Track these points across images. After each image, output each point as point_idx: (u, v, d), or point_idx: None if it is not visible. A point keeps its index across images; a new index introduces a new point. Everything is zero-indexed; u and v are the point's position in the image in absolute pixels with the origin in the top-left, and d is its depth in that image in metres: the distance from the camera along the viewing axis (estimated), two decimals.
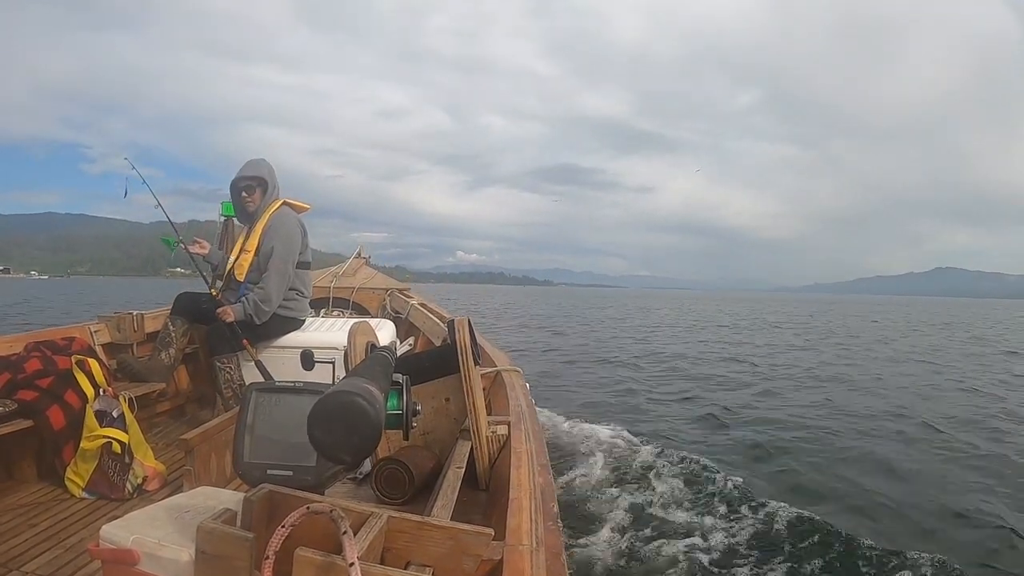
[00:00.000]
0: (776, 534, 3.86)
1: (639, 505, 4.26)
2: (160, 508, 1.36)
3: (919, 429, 7.25)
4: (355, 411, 0.93)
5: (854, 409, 8.35)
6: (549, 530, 1.31)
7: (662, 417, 7.61)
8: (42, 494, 2.63)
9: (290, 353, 3.52)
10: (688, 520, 4.06)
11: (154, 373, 3.53)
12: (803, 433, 6.86)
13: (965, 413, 8.32)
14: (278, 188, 3.78)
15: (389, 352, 1.70)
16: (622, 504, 4.26)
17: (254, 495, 1.10)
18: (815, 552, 3.64)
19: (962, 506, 4.60)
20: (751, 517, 4.08)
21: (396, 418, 1.32)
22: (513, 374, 3.03)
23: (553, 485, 1.68)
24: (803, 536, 3.81)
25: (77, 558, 2.06)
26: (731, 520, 4.05)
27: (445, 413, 2.32)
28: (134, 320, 3.86)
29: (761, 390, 9.80)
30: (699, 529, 3.92)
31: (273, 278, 3.59)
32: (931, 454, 6.19)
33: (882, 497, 4.76)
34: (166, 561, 1.20)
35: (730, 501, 4.34)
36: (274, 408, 1.45)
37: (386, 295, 6.14)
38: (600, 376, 10.99)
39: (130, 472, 2.67)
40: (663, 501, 4.32)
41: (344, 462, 1.01)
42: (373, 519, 1.09)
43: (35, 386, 2.73)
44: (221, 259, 3.84)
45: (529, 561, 1.13)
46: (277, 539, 0.96)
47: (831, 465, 5.64)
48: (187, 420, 3.74)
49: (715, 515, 4.12)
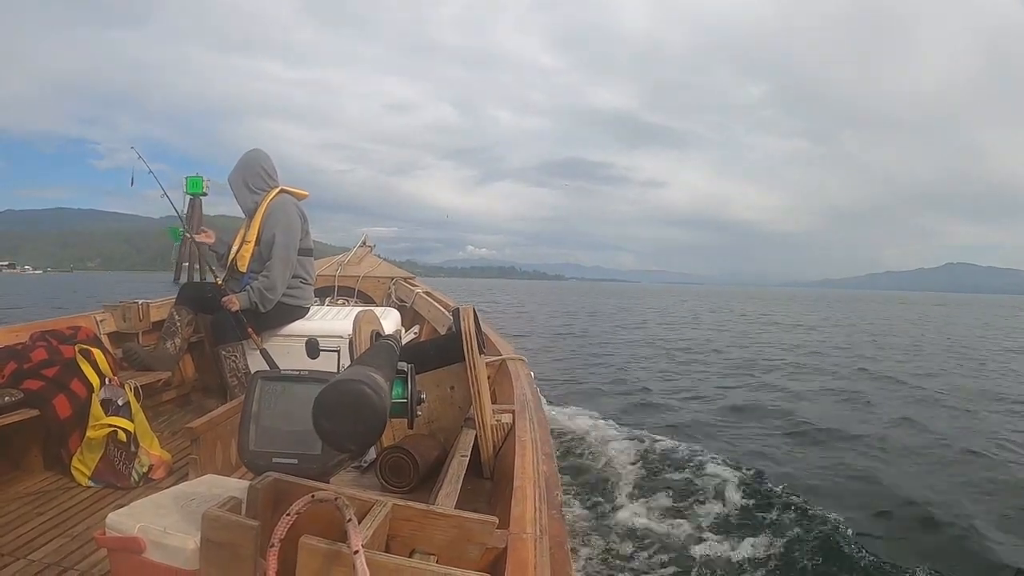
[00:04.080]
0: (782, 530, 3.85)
1: (644, 494, 4.27)
2: (166, 496, 1.36)
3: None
4: (360, 399, 0.93)
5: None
6: (553, 519, 1.31)
7: (680, 412, 7.46)
8: (48, 483, 2.64)
9: (295, 341, 3.52)
10: (693, 510, 4.06)
11: (159, 362, 3.54)
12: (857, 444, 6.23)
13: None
14: (272, 177, 3.77)
15: (394, 341, 1.69)
16: (627, 493, 4.27)
17: (259, 483, 1.10)
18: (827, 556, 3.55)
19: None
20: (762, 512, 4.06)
21: (401, 406, 1.31)
22: (518, 363, 3.02)
23: (557, 474, 1.68)
24: (810, 535, 3.75)
25: (83, 546, 2.06)
26: (739, 514, 4.05)
27: (450, 401, 2.32)
28: (139, 309, 3.86)
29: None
30: (704, 520, 3.93)
31: (277, 266, 3.59)
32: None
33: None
34: (172, 549, 1.20)
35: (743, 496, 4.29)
36: (279, 396, 1.45)
37: (391, 284, 6.14)
38: (623, 370, 10.87)
39: (136, 461, 2.68)
40: (669, 491, 4.33)
41: (349, 450, 1.01)
42: (378, 507, 1.09)
43: (41, 375, 2.73)
44: (227, 249, 3.85)
45: (533, 549, 1.12)
46: (282, 527, 0.96)
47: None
48: (192, 409, 3.75)
49: (722, 508, 4.12)
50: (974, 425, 7.36)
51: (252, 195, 3.71)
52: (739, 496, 4.25)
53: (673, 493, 4.30)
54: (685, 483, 4.51)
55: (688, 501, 4.19)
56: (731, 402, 8.19)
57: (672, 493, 4.30)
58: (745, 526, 3.86)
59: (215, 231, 3.95)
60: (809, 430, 6.71)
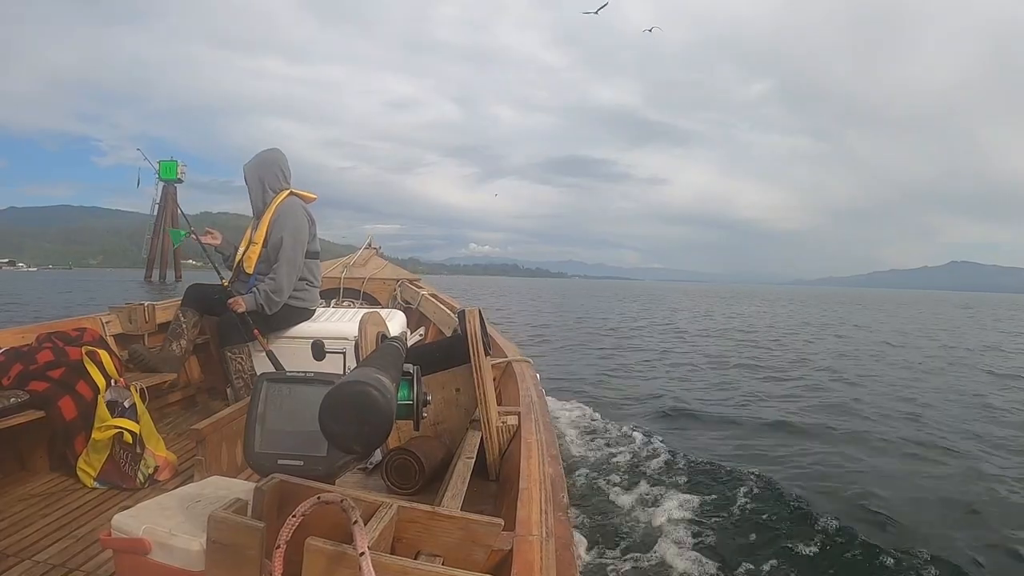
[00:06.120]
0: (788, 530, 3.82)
1: (651, 497, 4.25)
2: (171, 498, 1.36)
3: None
4: (367, 401, 0.93)
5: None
6: (559, 521, 1.30)
7: (687, 417, 7.17)
8: (54, 484, 2.64)
9: (301, 343, 3.53)
10: (702, 512, 4.04)
11: (165, 364, 3.55)
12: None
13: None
14: (287, 179, 3.79)
15: (400, 342, 1.69)
16: (633, 495, 4.25)
17: (265, 485, 1.10)
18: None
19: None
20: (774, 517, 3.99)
21: (407, 408, 1.31)
22: (523, 364, 3.02)
23: (563, 476, 1.67)
24: (828, 543, 3.66)
25: (89, 548, 2.07)
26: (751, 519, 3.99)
27: (455, 403, 2.32)
28: (145, 311, 3.87)
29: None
30: (713, 522, 3.90)
31: (284, 268, 3.60)
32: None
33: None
34: (177, 551, 1.20)
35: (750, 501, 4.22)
36: (285, 398, 1.45)
37: (397, 286, 6.16)
38: (634, 372, 10.71)
39: (141, 462, 2.68)
40: (676, 494, 4.30)
41: (355, 452, 1.01)
42: (383, 509, 1.09)
43: (47, 377, 2.74)
44: (233, 250, 3.86)
45: (539, 551, 1.12)
46: (288, 529, 0.96)
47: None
48: (198, 410, 3.76)
49: (734, 511, 4.07)
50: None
51: (265, 193, 3.73)
52: (752, 501, 4.19)
53: (681, 496, 4.27)
54: (696, 486, 4.46)
55: (697, 504, 4.16)
56: (773, 414, 7.43)
57: (681, 496, 4.27)
58: (757, 531, 3.82)
59: (219, 230, 3.96)
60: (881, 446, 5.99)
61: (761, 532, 3.80)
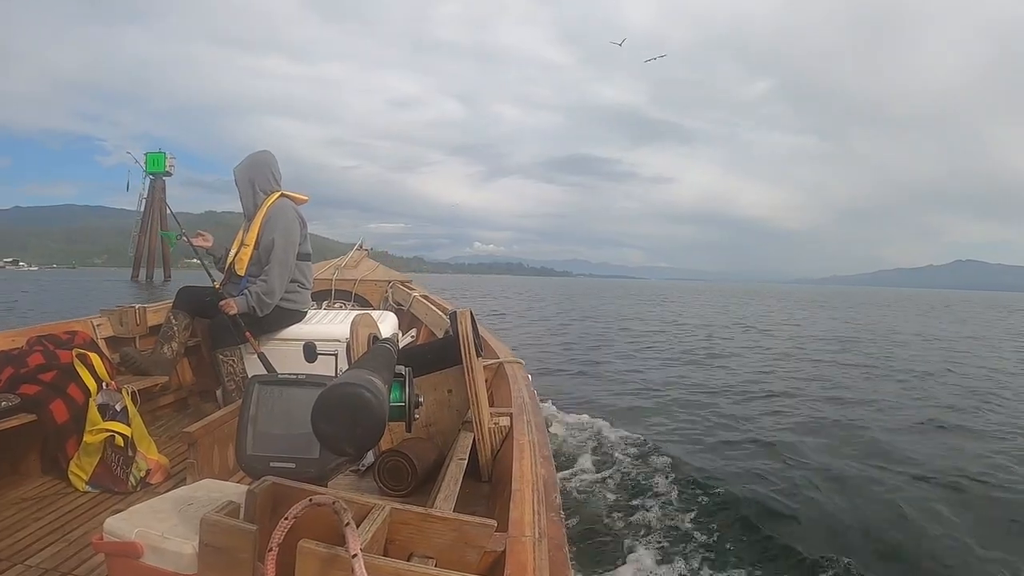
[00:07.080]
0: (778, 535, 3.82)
1: (643, 498, 4.26)
2: (163, 501, 1.36)
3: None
4: (359, 403, 0.93)
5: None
6: (552, 521, 1.31)
7: (686, 418, 7.05)
8: (46, 488, 2.63)
9: (292, 345, 3.52)
10: (696, 514, 4.05)
11: (157, 366, 3.53)
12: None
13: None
14: (277, 181, 3.78)
15: (391, 344, 1.69)
16: (625, 496, 4.27)
17: (257, 487, 1.10)
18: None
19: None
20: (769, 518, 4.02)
21: (399, 410, 1.32)
22: (515, 366, 3.02)
23: (555, 477, 1.68)
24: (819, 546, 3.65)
25: (81, 551, 2.06)
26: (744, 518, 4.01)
27: (447, 405, 2.32)
28: (136, 314, 3.85)
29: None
30: (706, 524, 3.92)
31: (275, 270, 3.59)
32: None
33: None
34: (169, 554, 1.20)
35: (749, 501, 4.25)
36: (277, 400, 1.45)
37: (388, 287, 6.16)
38: (631, 372, 10.55)
39: (133, 465, 2.67)
40: (670, 495, 4.31)
41: (348, 454, 1.01)
42: (376, 511, 1.09)
43: (38, 380, 2.73)
44: (225, 253, 3.85)
45: (532, 552, 1.12)
46: (280, 531, 0.96)
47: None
48: (190, 413, 3.74)
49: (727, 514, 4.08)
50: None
51: (256, 195, 3.72)
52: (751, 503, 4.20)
53: (675, 497, 4.29)
54: (689, 487, 4.47)
55: (692, 505, 4.18)
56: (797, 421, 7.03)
57: (674, 497, 4.29)
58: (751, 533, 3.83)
59: (211, 232, 3.95)
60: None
61: (756, 534, 3.82)
